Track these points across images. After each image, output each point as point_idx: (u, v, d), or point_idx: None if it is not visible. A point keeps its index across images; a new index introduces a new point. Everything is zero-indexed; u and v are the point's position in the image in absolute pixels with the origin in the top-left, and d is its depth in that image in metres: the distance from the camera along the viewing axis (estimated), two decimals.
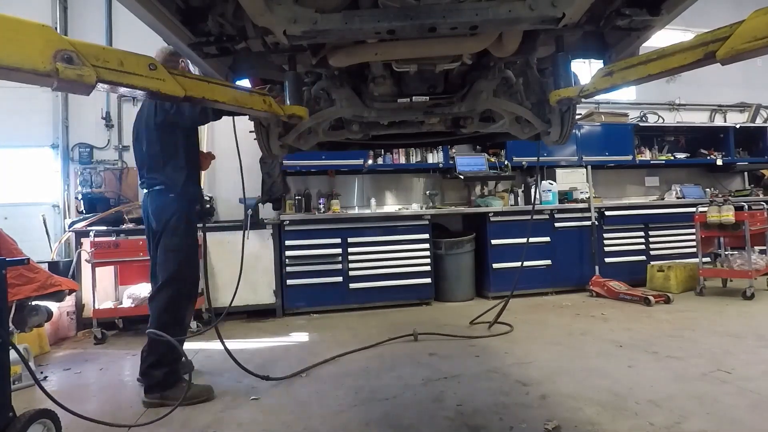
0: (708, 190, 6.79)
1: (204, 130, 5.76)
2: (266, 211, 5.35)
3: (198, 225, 2.94)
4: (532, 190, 5.78)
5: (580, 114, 6.47)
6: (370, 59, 1.72)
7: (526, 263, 5.23)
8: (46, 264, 4.32)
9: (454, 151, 5.85)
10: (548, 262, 5.43)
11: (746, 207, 4.89)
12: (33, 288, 2.55)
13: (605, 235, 5.69)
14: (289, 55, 1.81)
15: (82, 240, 4.51)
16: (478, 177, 5.86)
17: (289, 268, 4.90)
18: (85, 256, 4.36)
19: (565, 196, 5.84)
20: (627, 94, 7.10)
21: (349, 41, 1.64)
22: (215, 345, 3.86)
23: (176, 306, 2.66)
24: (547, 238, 5.46)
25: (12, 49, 0.98)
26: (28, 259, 2.32)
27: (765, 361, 2.86)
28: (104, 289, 4.47)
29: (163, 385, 2.57)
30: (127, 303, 4.34)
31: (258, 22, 1.41)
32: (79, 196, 5.17)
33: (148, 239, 2.82)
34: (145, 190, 2.81)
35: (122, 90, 1.22)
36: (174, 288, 2.64)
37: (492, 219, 5.36)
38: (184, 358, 2.76)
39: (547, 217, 5.50)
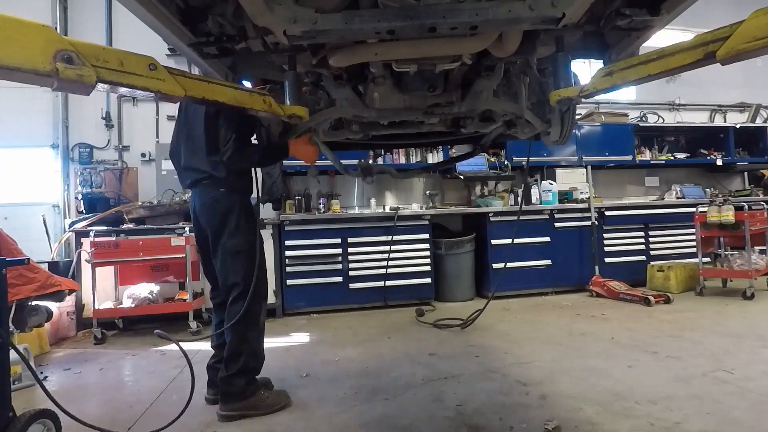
0: (708, 190, 6.78)
1: None
2: (266, 211, 5.35)
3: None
4: (533, 191, 5.80)
5: (580, 114, 6.47)
6: (370, 59, 1.72)
7: (526, 263, 5.28)
8: (46, 264, 4.32)
9: (454, 151, 5.84)
10: (548, 262, 5.42)
11: (746, 207, 4.89)
12: (33, 288, 2.55)
13: (605, 235, 5.69)
14: (289, 55, 1.81)
15: (82, 240, 4.51)
16: (478, 177, 5.86)
17: (289, 268, 4.90)
18: (85, 256, 4.35)
19: (565, 196, 5.84)
20: (627, 94, 7.10)
21: (349, 41, 1.64)
22: None
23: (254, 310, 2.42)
24: (547, 238, 5.45)
25: (12, 49, 0.98)
26: (28, 259, 2.32)
27: (765, 361, 2.85)
28: (104, 289, 4.46)
29: (244, 394, 2.36)
30: (127, 303, 4.34)
31: (258, 22, 1.41)
32: (79, 196, 5.17)
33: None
34: None
35: (122, 90, 1.22)
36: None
37: (492, 219, 5.35)
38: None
39: (547, 217, 5.50)
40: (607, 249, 5.67)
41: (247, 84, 2.20)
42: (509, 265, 5.24)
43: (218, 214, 2.33)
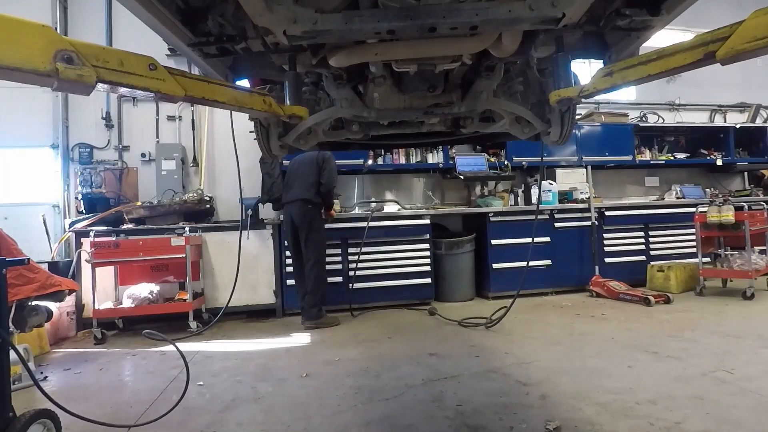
0: (708, 190, 6.79)
1: (204, 131, 5.78)
2: (266, 211, 5.35)
3: None
4: (533, 191, 5.81)
5: (580, 114, 6.47)
6: (370, 59, 1.72)
7: (525, 263, 5.25)
8: (46, 264, 4.33)
9: (454, 151, 5.85)
10: (548, 262, 5.43)
11: (746, 207, 4.88)
12: (33, 288, 2.55)
13: (605, 235, 5.69)
14: (289, 55, 1.81)
15: (82, 240, 4.51)
16: (478, 177, 5.86)
17: (289, 268, 4.89)
18: (85, 256, 4.35)
19: (565, 196, 5.84)
20: (627, 94, 7.10)
21: (349, 41, 1.64)
22: (213, 346, 3.88)
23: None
24: (547, 238, 5.45)
25: (12, 49, 0.98)
26: (28, 259, 2.32)
27: (765, 361, 2.85)
28: (104, 289, 4.47)
29: (319, 316, 4.33)
30: (127, 303, 4.34)
31: (258, 22, 1.41)
32: (79, 196, 5.17)
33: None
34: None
35: (122, 90, 1.22)
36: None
37: (492, 219, 5.35)
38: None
39: (547, 217, 5.50)
40: (607, 249, 5.67)
41: (247, 84, 2.20)
42: (510, 265, 5.25)
43: None
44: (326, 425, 2.24)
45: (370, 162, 5.64)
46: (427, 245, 5.19)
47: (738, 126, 6.74)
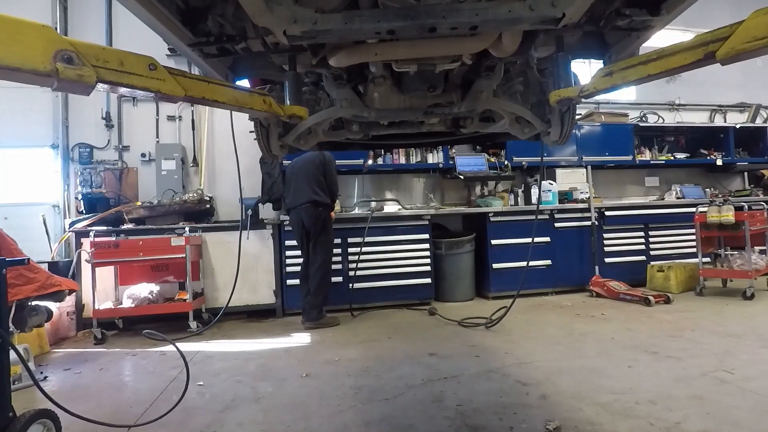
0: (708, 190, 6.79)
1: (204, 131, 5.78)
2: (266, 211, 5.35)
3: None
4: (533, 191, 5.81)
5: (580, 114, 6.47)
6: (370, 59, 1.72)
7: (525, 263, 5.26)
8: (46, 264, 4.33)
9: (454, 151, 5.85)
10: (548, 262, 5.43)
11: (746, 207, 4.88)
12: (33, 288, 2.55)
13: (605, 235, 5.69)
14: (289, 55, 1.81)
15: (82, 240, 4.51)
16: (478, 177, 5.86)
17: (289, 268, 4.89)
18: (85, 256, 4.35)
19: (565, 196, 5.84)
20: (627, 94, 7.10)
21: (349, 41, 1.64)
22: (213, 346, 3.88)
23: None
24: (547, 238, 5.45)
25: (12, 49, 0.97)
26: (28, 259, 2.32)
27: (765, 361, 2.85)
28: (104, 289, 4.47)
29: (319, 317, 4.32)
30: (127, 303, 4.34)
31: (258, 22, 1.41)
32: (79, 196, 5.17)
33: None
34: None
35: (122, 90, 1.21)
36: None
37: (492, 219, 5.35)
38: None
39: (547, 217, 5.50)
40: (607, 249, 5.67)
41: (247, 84, 2.20)
42: (510, 265, 5.25)
43: None
44: (326, 425, 2.24)
45: (370, 162, 5.64)
46: (427, 245, 5.19)
47: (738, 126, 6.75)
